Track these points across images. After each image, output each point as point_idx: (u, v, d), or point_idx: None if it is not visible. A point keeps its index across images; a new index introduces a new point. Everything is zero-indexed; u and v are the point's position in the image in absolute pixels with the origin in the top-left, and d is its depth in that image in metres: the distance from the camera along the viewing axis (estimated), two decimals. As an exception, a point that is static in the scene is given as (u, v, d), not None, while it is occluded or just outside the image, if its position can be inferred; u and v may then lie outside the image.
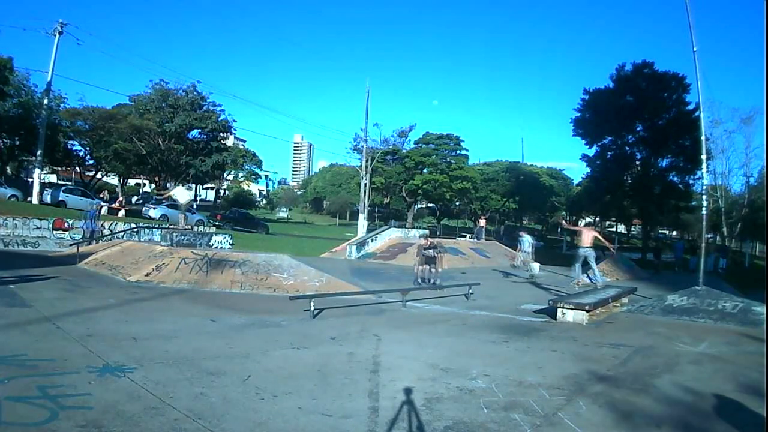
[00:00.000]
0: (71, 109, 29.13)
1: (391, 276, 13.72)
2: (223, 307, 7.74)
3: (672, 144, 32.76)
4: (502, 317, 8.08)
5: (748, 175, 36.30)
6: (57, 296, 7.57)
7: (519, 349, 5.84)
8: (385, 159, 43.98)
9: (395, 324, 7.17)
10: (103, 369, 4.17)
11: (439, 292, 10.25)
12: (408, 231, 26.46)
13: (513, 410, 3.73)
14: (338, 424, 3.36)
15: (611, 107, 33.20)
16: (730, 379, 4.84)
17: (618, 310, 9.16)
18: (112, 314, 6.63)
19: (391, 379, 4.41)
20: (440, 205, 55.53)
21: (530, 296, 10.90)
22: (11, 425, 3.00)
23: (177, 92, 34.37)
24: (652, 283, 14.98)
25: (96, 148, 31.76)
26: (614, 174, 34.90)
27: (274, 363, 4.78)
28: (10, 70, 25.09)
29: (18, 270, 9.65)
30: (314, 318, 7.22)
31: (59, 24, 23.41)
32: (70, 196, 24.08)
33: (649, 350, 6.04)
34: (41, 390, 3.57)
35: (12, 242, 14.86)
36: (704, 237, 11.31)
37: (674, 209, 36.02)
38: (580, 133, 36.23)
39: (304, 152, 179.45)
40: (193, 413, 3.36)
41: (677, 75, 32.36)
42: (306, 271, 10.28)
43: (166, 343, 5.19)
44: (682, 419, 3.72)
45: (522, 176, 53.30)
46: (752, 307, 8.42)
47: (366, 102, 31.00)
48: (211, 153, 35.83)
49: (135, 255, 11.44)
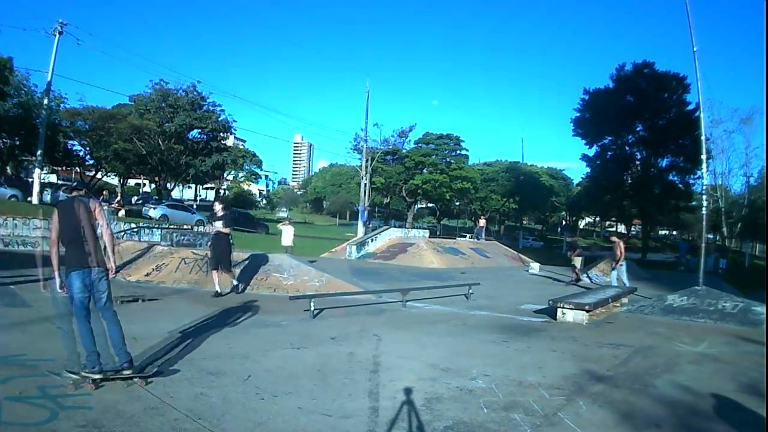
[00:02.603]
0: (71, 109, 29.15)
1: (391, 276, 13.71)
2: (223, 307, 7.73)
3: (672, 144, 32.80)
4: (502, 317, 8.08)
5: (748, 175, 36.35)
6: (57, 296, 7.55)
7: (519, 349, 5.84)
8: (385, 159, 44.01)
9: (395, 324, 7.17)
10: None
11: (439, 292, 10.23)
12: (408, 231, 26.46)
13: (513, 410, 3.73)
14: (338, 424, 3.36)
15: (611, 107, 33.23)
16: (729, 379, 4.84)
17: (618, 310, 9.16)
18: (112, 314, 6.62)
19: (391, 379, 4.41)
20: (440, 205, 55.60)
21: (530, 296, 10.90)
22: (11, 425, 3.00)
23: (177, 92, 34.37)
24: (652, 283, 14.98)
25: (96, 148, 31.77)
26: (614, 174, 34.93)
27: (274, 363, 4.78)
28: (10, 70, 25.11)
29: (18, 270, 9.65)
30: (314, 318, 7.22)
31: (59, 24, 23.40)
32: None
33: (649, 350, 6.04)
34: (41, 390, 3.57)
35: (12, 242, 14.86)
36: (704, 237, 11.32)
37: (674, 209, 36.07)
38: (580, 133, 36.27)
39: (304, 152, 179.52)
40: (193, 413, 3.36)
41: (677, 75, 32.42)
42: (306, 271, 10.27)
43: (166, 343, 5.19)
44: (682, 419, 3.72)
45: (522, 176, 53.38)
46: (752, 307, 8.42)
47: (366, 102, 31.08)
48: (211, 153, 35.83)
49: (135, 255, 11.42)
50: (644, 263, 26.03)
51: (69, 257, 3.89)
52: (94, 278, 3.93)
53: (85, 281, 3.89)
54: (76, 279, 3.87)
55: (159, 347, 5.03)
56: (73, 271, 3.87)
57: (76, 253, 3.88)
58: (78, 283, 3.87)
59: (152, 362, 4.38)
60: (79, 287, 3.87)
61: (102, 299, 3.98)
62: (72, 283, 3.88)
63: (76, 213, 3.95)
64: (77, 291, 3.87)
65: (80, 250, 3.88)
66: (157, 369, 4.14)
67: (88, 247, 3.91)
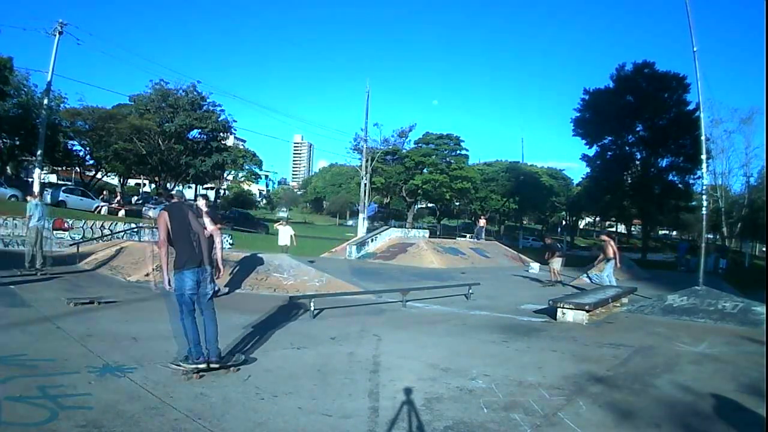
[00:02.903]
0: (71, 109, 29.15)
1: (391, 276, 13.71)
2: (222, 307, 7.73)
3: (672, 144, 32.80)
4: (502, 317, 8.08)
5: (748, 175, 36.33)
6: (57, 296, 7.57)
7: (519, 349, 5.84)
8: (385, 159, 43.98)
9: (395, 324, 7.17)
10: (103, 369, 4.17)
11: (439, 292, 10.24)
12: (408, 231, 26.47)
13: (513, 410, 3.73)
14: (338, 424, 3.36)
15: (611, 107, 33.22)
16: (729, 379, 4.84)
17: (618, 310, 9.15)
18: (112, 314, 6.64)
19: (391, 379, 4.41)
20: (440, 205, 55.58)
21: (530, 296, 10.90)
22: (11, 425, 3.00)
23: (177, 92, 34.36)
24: (652, 283, 14.98)
25: (96, 148, 31.78)
26: (614, 174, 34.92)
27: (274, 363, 4.78)
28: (10, 70, 25.10)
29: (18, 270, 9.66)
30: (314, 318, 7.22)
31: (59, 24, 23.37)
32: (70, 196, 24.09)
33: (649, 350, 6.04)
34: (41, 390, 3.57)
35: (12, 242, 14.87)
36: (704, 237, 11.31)
37: (674, 209, 36.07)
38: (580, 133, 36.26)
39: (304, 152, 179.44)
40: (193, 413, 3.36)
41: (677, 75, 32.41)
42: (306, 271, 10.28)
43: (166, 343, 5.18)
44: (682, 419, 3.71)
45: (522, 176, 53.35)
46: (752, 307, 8.41)
47: (366, 102, 31.04)
48: (211, 153, 35.82)
49: (135, 255, 11.43)
50: (644, 263, 26.02)
51: (182, 257, 4.12)
52: (204, 277, 4.19)
53: (197, 279, 4.13)
54: (189, 277, 4.10)
55: (159, 347, 5.03)
56: (186, 270, 4.09)
57: (190, 253, 4.11)
58: (191, 282, 4.10)
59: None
60: (191, 285, 4.11)
61: (207, 296, 4.24)
62: (185, 280, 4.09)
63: (186, 216, 4.22)
64: (189, 288, 4.11)
65: (192, 251, 4.12)
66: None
67: (200, 248, 4.17)
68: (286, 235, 16.78)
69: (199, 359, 4.08)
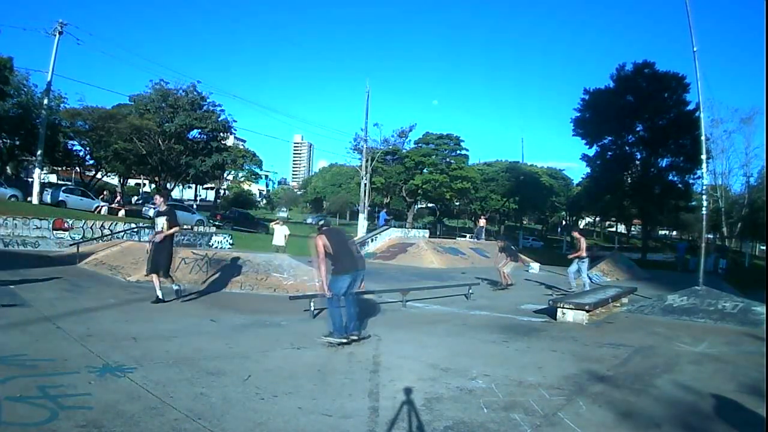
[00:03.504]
0: (71, 109, 29.08)
1: (391, 276, 13.71)
2: (223, 307, 7.74)
3: (672, 144, 32.82)
4: (502, 317, 8.08)
5: (748, 175, 36.39)
6: (57, 296, 7.57)
7: (519, 349, 5.84)
8: (385, 159, 43.95)
9: (395, 324, 7.17)
10: (103, 369, 4.17)
11: (439, 292, 10.23)
12: (408, 231, 26.46)
13: (513, 410, 3.73)
14: (338, 424, 3.36)
15: (611, 107, 33.23)
16: (729, 379, 4.84)
17: (618, 310, 9.15)
18: (112, 314, 6.63)
19: (391, 379, 4.41)
20: (440, 205, 55.60)
21: (530, 296, 10.91)
22: (11, 425, 3.00)
23: (177, 92, 34.30)
24: (652, 283, 14.98)
25: (96, 148, 31.71)
26: (614, 174, 34.93)
27: (274, 363, 4.78)
28: (10, 70, 25.08)
29: (18, 270, 9.65)
30: (314, 318, 7.22)
31: (59, 24, 23.38)
32: (70, 196, 24.07)
33: (649, 350, 6.04)
34: (41, 390, 3.56)
35: (12, 242, 14.86)
36: (704, 237, 11.31)
37: (674, 209, 36.06)
38: (580, 133, 36.27)
39: (304, 152, 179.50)
40: (193, 413, 3.36)
41: (677, 75, 32.42)
42: (306, 271, 10.27)
43: (166, 343, 5.19)
44: (682, 419, 3.71)
45: (522, 176, 53.33)
46: (752, 307, 8.41)
47: (366, 102, 31.03)
48: (211, 153, 35.77)
49: (135, 255, 11.43)
50: (644, 263, 26.03)
51: (343, 265, 5.66)
52: (359, 276, 5.83)
53: (353, 278, 5.71)
54: (346, 279, 5.63)
55: (159, 347, 5.03)
56: (345, 274, 5.63)
57: (349, 262, 5.72)
58: (346, 282, 5.63)
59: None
60: (347, 284, 5.64)
61: (355, 288, 5.84)
62: (341, 281, 5.60)
63: (342, 237, 6.00)
64: (344, 286, 5.62)
65: (352, 260, 5.77)
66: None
67: (356, 258, 5.85)
68: (281, 235, 16.62)
69: (342, 335, 5.57)
